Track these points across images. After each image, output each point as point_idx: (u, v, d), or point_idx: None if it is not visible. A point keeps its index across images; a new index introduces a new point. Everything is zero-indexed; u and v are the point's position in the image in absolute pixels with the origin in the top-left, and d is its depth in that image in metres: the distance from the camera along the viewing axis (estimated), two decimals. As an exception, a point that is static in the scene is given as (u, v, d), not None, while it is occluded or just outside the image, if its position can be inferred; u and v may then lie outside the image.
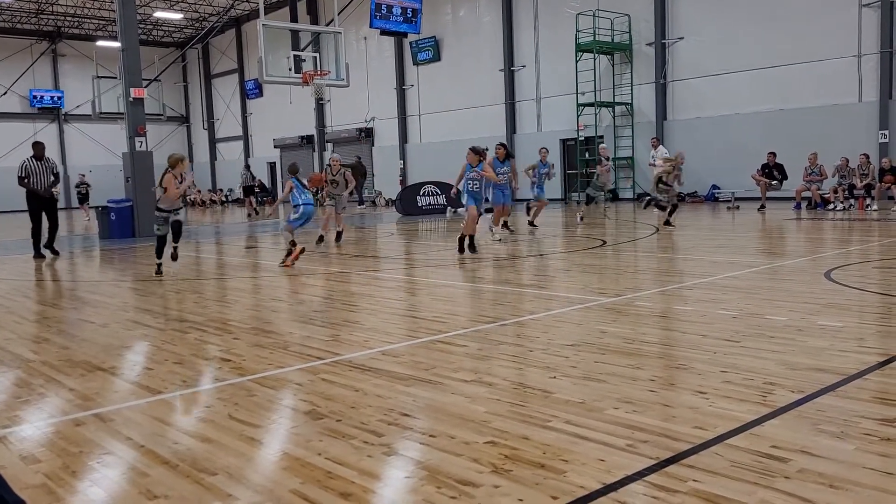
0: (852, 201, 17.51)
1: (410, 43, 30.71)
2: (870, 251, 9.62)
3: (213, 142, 44.58)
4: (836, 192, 17.61)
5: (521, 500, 2.69)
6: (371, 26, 20.05)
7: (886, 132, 19.61)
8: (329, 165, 13.69)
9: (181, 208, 9.89)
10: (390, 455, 3.20)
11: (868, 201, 17.19)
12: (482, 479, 2.87)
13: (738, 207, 18.98)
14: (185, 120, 46.18)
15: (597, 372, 4.34)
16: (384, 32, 20.98)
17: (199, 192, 38.93)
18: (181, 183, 9.60)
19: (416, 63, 31.59)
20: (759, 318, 5.76)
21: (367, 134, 34.27)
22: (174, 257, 9.99)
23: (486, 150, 11.65)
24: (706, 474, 2.82)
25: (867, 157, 17.71)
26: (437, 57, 30.73)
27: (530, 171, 15.34)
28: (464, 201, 11.35)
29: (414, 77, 32.10)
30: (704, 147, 22.44)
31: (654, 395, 3.87)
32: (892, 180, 16.87)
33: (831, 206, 17.36)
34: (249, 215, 24.97)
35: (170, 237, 9.84)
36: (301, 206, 10.33)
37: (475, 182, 10.96)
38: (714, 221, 16.02)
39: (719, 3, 22.36)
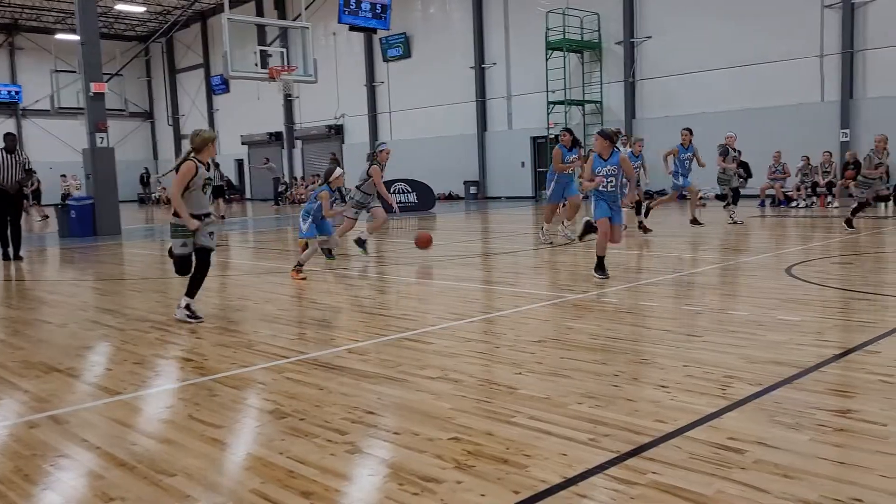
0: (814, 199, 17.85)
1: (380, 39, 30.59)
2: (830, 247, 9.81)
3: (178, 138, 43.95)
4: (798, 189, 17.95)
5: (483, 495, 2.69)
6: (340, 21, 19.88)
7: (847, 131, 20.00)
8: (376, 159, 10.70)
9: (210, 216, 6.27)
10: (354, 453, 3.18)
11: (829, 199, 17.54)
12: (445, 476, 2.87)
13: (704, 205, 19.21)
14: (148, 116, 45.47)
15: (562, 368, 4.37)
16: (353, 28, 20.83)
17: (164, 189, 38.40)
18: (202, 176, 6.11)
19: (386, 59, 31.48)
20: (721, 314, 5.85)
21: (336, 131, 34.08)
22: (196, 318, 6.18)
23: (619, 132, 9.79)
24: (665, 466, 2.85)
25: (830, 154, 18.09)
26: (407, 53, 30.65)
27: (669, 159, 13.76)
28: (594, 212, 7.88)
29: (384, 74, 31.99)
30: (672, 145, 22.64)
31: (617, 389, 3.91)
32: (852, 175, 17.24)
33: (794, 204, 17.68)
34: (223, 217, 21.72)
35: (178, 304, 6.32)
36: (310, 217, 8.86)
37: (611, 180, 7.58)
38: (681, 219, 16.20)
39: (686, 3, 22.62)
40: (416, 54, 30.43)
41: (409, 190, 21.81)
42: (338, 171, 9.17)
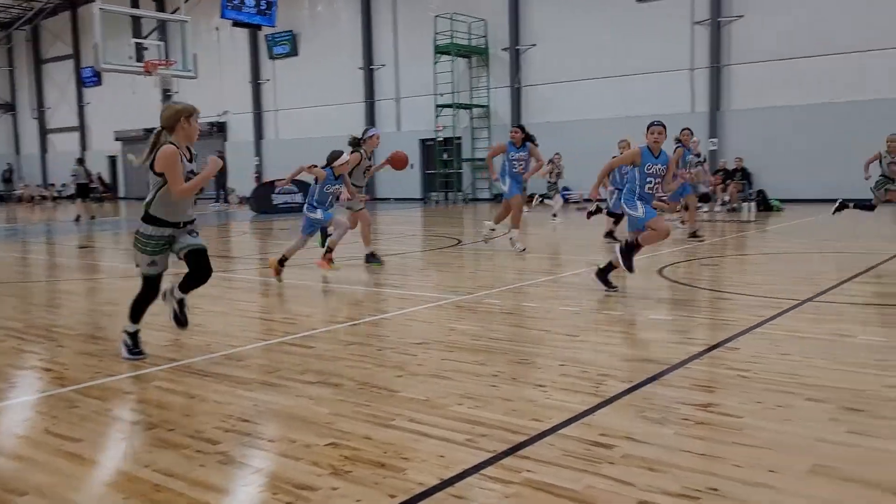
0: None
1: (266, 36, 29.87)
2: (699, 250, 10.40)
3: (43, 132, 41.17)
4: (671, 194, 18.98)
5: (358, 500, 2.65)
6: (223, 17, 19.26)
7: (716, 140, 21.36)
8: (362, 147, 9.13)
9: (193, 220, 4.79)
10: (226, 463, 3.06)
11: (700, 203, 18.64)
12: (320, 482, 2.81)
13: (584, 209, 19.96)
14: (10, 108, 42.32)
15: (443, 369, 4.39)
16: (237, 24, 20.22)
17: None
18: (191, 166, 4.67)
19: (272, 57, 30.77)
20: (597, 314, 6.07)
21: (219, 128, 32.96)
22: (181, 321, 4.90)
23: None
24: (539, 464, 2.91)
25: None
26: (294, 51, 30.08)
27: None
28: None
29: (270, 71, 31.25)
30: (556, 150, 23.37)
31: (496, 389, 3.96)
32: (718, 181, 18.41)
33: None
34: (90, 218, 19.58)
35: (171, 286, 4.84)
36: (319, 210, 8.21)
37: (658, 181, 6.97)
38: (563, 221, 16.74)
39: (569, 14, 23.44)
40: (304, 52, 29.93)
41: (296, 190, 21.36)
42: (344, 156, 8.08)
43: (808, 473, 2.77)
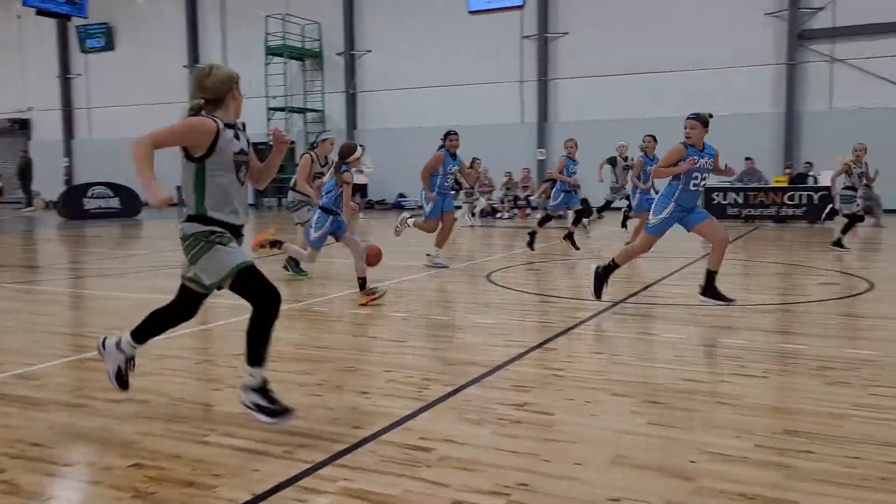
0: (516, 211, 19.75)
1: (77, 27, 27.63)
2: (526, 255, 10.85)
3: None
4: (502, 202, 19.77)
5: (162, 525, 2.48)
6: (25, 4, 17.55)
7: (544, 150, 22.51)
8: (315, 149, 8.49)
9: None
10: (10, 493, 2.75)
11: (528, 211, 19.55)
12: (120, 508, 2.60)
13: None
14: None
15: (264, 380, 4.22)
16: (41, 13, 18.52)
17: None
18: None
19: (84, 50, 28.53)
20: (425, 319, 6.15)
21: (22, 125, 30.00)
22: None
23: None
24: (357, 472, 2.88)
25: (528, 171, 20.32)
26: (110, 45, 28.08)
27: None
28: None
29: (82, 66, 28.94)
30: (391, 157, 23.50)
31: (318, 399, 3.89)
32: (547, 189, 19.44)
33: (499, 216, 19.39)
34: None
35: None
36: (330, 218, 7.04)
37: (705, 177, 6.31)
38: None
39: (403, 22, 23.73)
40: (122, 47, 28.03)
41: (112, 194, 19.91)
42: (359, 150, 7.10)
43: (610, 464, 2.96)
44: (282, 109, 24.69)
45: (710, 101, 19.21)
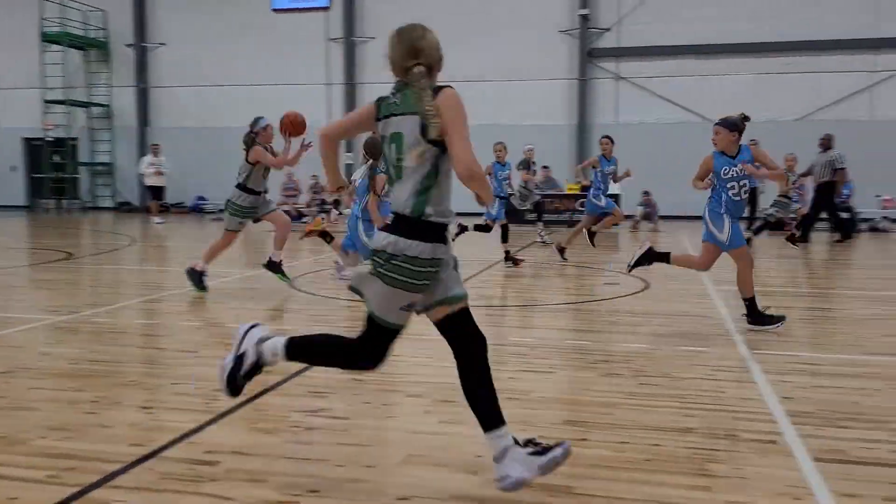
0: (323, 215, 19.50)
1: None
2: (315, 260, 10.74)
3: None
4: (309, 206, 19.43)
5: None
6: None
7: (350, 154, 22.41)
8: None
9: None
10: None
11: (337, 213, 19.39)
12: None
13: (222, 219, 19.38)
14: None
15: (29, 400, 3.81)
16: None
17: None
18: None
19: None
20: (220, 327, 5.87)
21: None
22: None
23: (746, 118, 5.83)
24: (133, 492, 2.67)
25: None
26: None
27: (587, 171, 11.17)
28: (724, 235, 5.79)
29: None
30: (188, 157, 22.21)
31: (93, 416, 3.56)
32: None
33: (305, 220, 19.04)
34: None
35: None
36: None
37: (744, 185, 5.76)
38: (200, 232, 16.01)
39: (201, 15, 22.47)
40: None
41: None
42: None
43: (402, 464, 2.99)
44: (61, 102, 22.49)
45: (514, 111, 20.51)
